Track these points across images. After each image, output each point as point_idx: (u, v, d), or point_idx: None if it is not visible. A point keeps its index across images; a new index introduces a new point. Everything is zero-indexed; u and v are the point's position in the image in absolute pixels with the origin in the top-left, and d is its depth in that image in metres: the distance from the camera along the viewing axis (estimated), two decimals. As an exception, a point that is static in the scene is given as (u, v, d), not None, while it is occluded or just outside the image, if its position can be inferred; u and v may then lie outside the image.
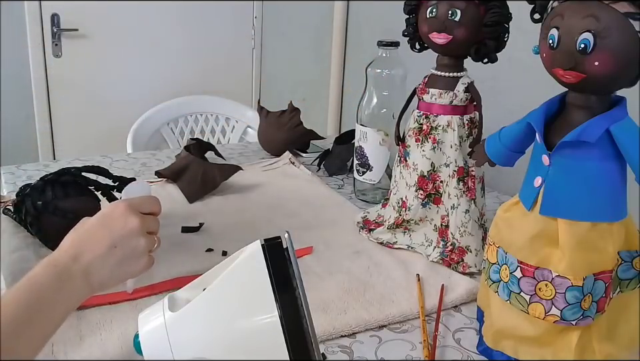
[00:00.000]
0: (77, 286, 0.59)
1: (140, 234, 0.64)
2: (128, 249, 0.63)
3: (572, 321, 0.62)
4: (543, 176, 0.62)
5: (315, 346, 0.48)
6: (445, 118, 0.89)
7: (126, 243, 0.63)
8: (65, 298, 0.58)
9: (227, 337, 0.49)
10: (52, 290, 0.57)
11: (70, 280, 0.58)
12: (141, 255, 0.65)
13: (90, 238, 0.62)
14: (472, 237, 0.89)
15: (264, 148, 1.44)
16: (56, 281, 0.57)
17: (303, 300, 0.48)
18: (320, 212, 1.09)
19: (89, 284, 0.60)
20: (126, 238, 0.63)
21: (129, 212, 0.64)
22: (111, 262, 0.62)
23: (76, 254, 0.60)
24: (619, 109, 0.60)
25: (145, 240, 0.65)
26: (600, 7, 0.55)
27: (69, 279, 0.58)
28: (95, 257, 0.60)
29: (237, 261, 0.52)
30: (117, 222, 0.63)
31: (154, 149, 1.59)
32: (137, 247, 0.64)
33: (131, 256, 0.63)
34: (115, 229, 0.63)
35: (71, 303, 0.59)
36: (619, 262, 0.63)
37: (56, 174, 0.89)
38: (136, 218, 0.64)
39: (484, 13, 0.84)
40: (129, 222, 0.64)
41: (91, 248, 0.61)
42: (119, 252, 0.62)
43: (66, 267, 0.59)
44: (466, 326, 0.77)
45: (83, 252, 0.60)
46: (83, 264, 0.60)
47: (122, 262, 0.63)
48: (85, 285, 0.60)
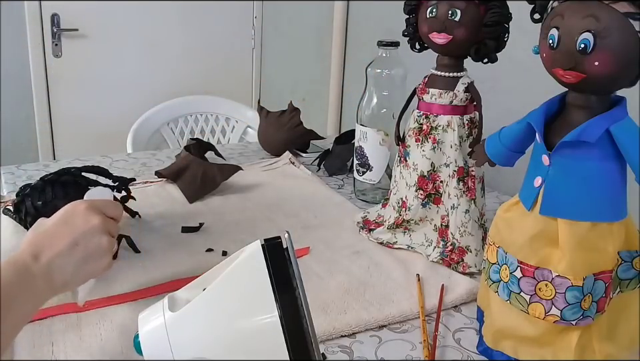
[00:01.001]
0: (38, 285, 0.57)
1: (102, 232, 0.63)
2: (90, 247, 0.62)
3: (572, 321, 0.62)
4: (543, 176, 0.62)
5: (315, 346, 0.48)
6: (445, 118, 0.89)
7: (88, 240, 0.61)
8: (26, 297, 0.56)
9: (227, 337, 0.49)
10: (13, 288, 0.55)
11: (30, 280, 0.57)
12: (103, 254, 0.63)
13: (50, 236, 0.60)
14: (472, 237, 0.89)
15: (264, 148, 1.44)
16: (16, 280, 0.56)
17: (303, 300, 0.48)
18: (320, 212, 1.09)
19: (50, 283, 0.58)
20: (88, 235, 0.62)
21: (91, 210, 0.64)
22: (73, 260, 0.60)
23: (36, 252, 0.58)
24: (618, 109, 0.60)
25: (107, 238, 0.63)
26: (600, 7, 0.55)
27: (29, 278, 0.57)
28: (56, 255, 0.59)
29: (237, 261, 0.52)
30: (79, 220, 0.62)
31: (154, 149, 1.59)
32: (99, 245, 0.62)
33: (93, 255, 0.62)
34: (76, 226, 0.62)
35: (33, 303, 0.57)
36: (619, 262, 0.63)
37: (56, 174, 0.89)
38: (98, 216, 0.63)
39: (484, 13, 0.84)
40: (91, 219, 0.63)
41: (52, 246, 0.59)
42: (80, 249, 0.61)
43: (26, 266, 0.57)
44: (466, 326, 0.77)
45: (43, 250, 0.59)
46: (44, 263, 0.58)
47: (84, 260, 0.61)
48: (47, 284, 0.58)
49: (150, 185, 1.17)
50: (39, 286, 0.57)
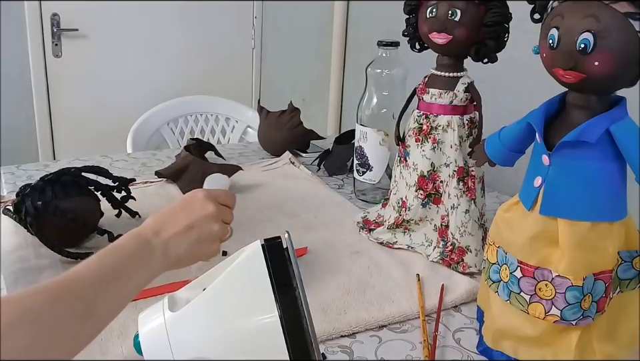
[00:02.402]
0: (156, 257, 0.63)
1: (215, 220, 0.70)
2: (203, 231, 0.68)
3: (572, 321, 0.62)
4: (543, 176, 0.62)
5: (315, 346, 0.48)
6: (445, 118, 0.89)
7: (202, 225, 0.68)
8: (144, 267, 0.62)
9: (227, 337, 0.49)
10: (134, 257, 0.61)
11: (150, 252, 0.63)
12: (214, 239, 0.70)
13: (170, 218, 0.67)
14: (472, 237, 0.89)
15: (264, 148, 1.44)
16: (138, 250, 0.62)
17: (303, 300, 0.48)
18: (320, 212, 1.09)
19: (166, 258, 0.64)
20: (202, 221, 0.68)
21: (207, 199, 0.70)
22: (187, 241, 0.67)
23: (157, 229, 0.65)
24: (618, 109, 0.60)
25: (219, 226, 0.70)
26: (600, 7, 0.55)
27: (149, 250, 0.63)
28: (174, 234, 0.66)
29: (237, 261, 0.52)
30: (196, 207, 0.69)
31: (154, 149, 1.59)
32: (211, 231, 0.69)
33: (205, 239, 0.69)
34: (193, 212, 0.69)
35: (150, 273, 0.63)
36: (618, 262, 0.63)
37: (56, 174, 0.89)
38: (213, 205, 0.70)
39: (484, 13, 0.84)
40: (206, 207, 0.70)
41: (171, 225, 0.66)
42: (194, 232, 0.67)
43: (148, 240, 0.64)
44: (466, 326, 0.77)
45: (163, 228, 0.66)
46: (163, 239, 0.65)
47: (197, 242, 0.68)
48: (163, 258, 0.64)
49: (150, 185, 1.17)
50: (156, 258, 0.63)
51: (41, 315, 0.49)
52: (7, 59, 2.27)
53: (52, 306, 0.51)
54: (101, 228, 0.91)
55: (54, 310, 0.50)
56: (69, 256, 0.85)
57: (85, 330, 0.53)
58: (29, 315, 0.48)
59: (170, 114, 1.87)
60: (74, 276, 0.55)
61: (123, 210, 0.99)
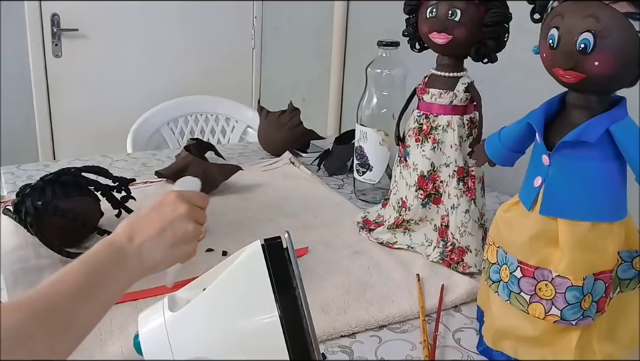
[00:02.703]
0: (132, 264, 0.63)
1: (188, 220, 0.69)
2: (177, 233, 0.67)
3: (572, 321, 0.62)
4: (543, 176, 0.62)
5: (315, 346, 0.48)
6: (445, 118, 0.89)
7: (175, 227, 0.67)
8: (120, 274, 0.61)
9: (227, 337, 0.49)
10: (109, 266, 0.60)
11: (125, 259, 0.62)
12: (189, 240, 0.69)
13: (143, 222, 0.66)
14: (472, 237, 0.89)
15: (264, 148, 1.44)
16: (112, 258, 0.61)
17: (303, 300, 0.48)
18: (320, 212, 1.09)
19: (142, 264, 0.64)
20: (175, 222, 0.67)
21: (179, 200, 0.70)
22: (162, 244, 0.66)
23: (130, 235, 0.64)
24: (618, 109, 0.60)
25: (192, 226, 0.69)
26: (600, 7, 0.55)
27: (124, 258, 0.62)
28: (147, 238, 0.65)
29: (237, 261, 0.52)
30: (168, 208, 0.68)
31: (154, 149, 1.59)
32: (185, 232, 0.68)
33: (180, 240, 0.67)
34: (165, 214, 0.68)
35: (126, 280, 0.62)
36: (618, 262, 0.63)
37: (56, 174, 0.89)
38: (185, 205, 0.69)
39: (484, 13, 0.84)
40: (179, 208, 0.68)
41: (144, 230, 0.65)
42: (169, 235, 0.66)
43: (121, 247, 0.63)
44: (466, 326, 0.77)
45: (136, 234, 0.64)
46: (136, 245, 0.64)
47: (172, 245, 0.67)
48: (139, 264, 0.63)
49: (150, 185, 1.17)
50: (132, 265, 0.63)
51: (17, 332, 0.48)
52: (6, 59, 2.27)
53: (29, 323, 0.50)
54: (101, 228, 0.91)
55: (31, 327, 0.50)
56: (68, 256, 0.85)
57: (64, 344, 0.53)
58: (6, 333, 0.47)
59: (170, 114, 1.87)
60: (50, 289, 0.54)
61: (123, 210, 0.99)
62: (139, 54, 2.51)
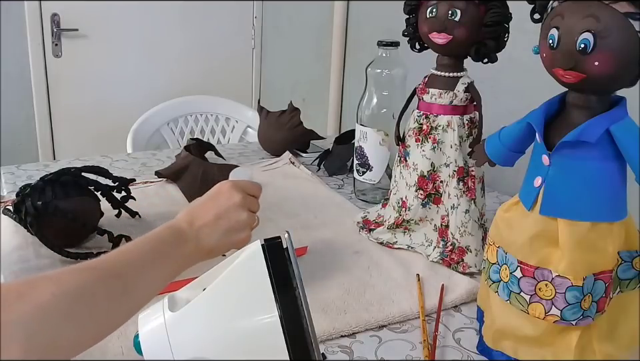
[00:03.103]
0: (190, 246, 0.67)
1: (242, 209, 0.73)
2: (232, 220, 0.72)
3: (572, 321, 0.62)
4: (543, 176, 0.62)
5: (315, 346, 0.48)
6: (445, 118, 0.89)
7: (230, 215, 0.72)
8: (179, 254, 0.66)
9: (227, 337, 0.49)
10: (170, 245, 0.65)
11: (185, 241, 0.67)
12: (243, 228, 0.74)
13: (201, 209, 0.72)
14: (472, 237, 0.89)
15: (264, 148, 1.44)
16: (174, 239, 0.66)
17: (303, 300, 0.48)
18: (320, 212, 1.09)
19: (199, 247, 0.69)
20: (230, 210, 0.72)
21: (234, 189, 0.74)
22: (218, 230, 0.71)
23: (190, 220, 0.69)
24: (618, 109, 0.60)
25: (246, 214, 0.74)
26: (600, 7, 0.55)
27: (184, 240, 0.67)
28: (204, 224, 0.70)
29: (237, 261, 0.52)
30: (223, 197, 0.73)
31: (154, 149, 1.59)
32: (239, 220, 0.73)
33: (234, 227, 0.72)
34: (221, 203, 0.73)
35: (184, 261, 0.66)
36: (618, 262, 0.63)
37: (56, 174, 0.89)
38: (239, 195, 0.74)
39: (484, 13, 0.84)
40: (233, 197, 0.73)
41: (201, 217, 0.70)
42: (224, 222, 0.71)
43: (182, 229, 0.68)
44: (466, 326, 0.77)
45: (195, 219, 0.70)
46: (195, 229, 0.69)
47: (227, 231, 0.71)
48: (196, 247, 0.68)
49: (150, 185, 1.17)
50: (190, 247, 0.67)
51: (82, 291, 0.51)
52: (6, 59, 2.27)
53: (92, 283, 0.53)
54: (101, 228, 0.91)
55: (94, 286, 0.53)
56: (68, 256, 0.85)
57: (122, 309, 0.56)
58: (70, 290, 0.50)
59: (170, 114, 1.87)
60: (112, 257, 0.58)
61: (123, 210, 0.99)
62: (139, 54, 2.51)
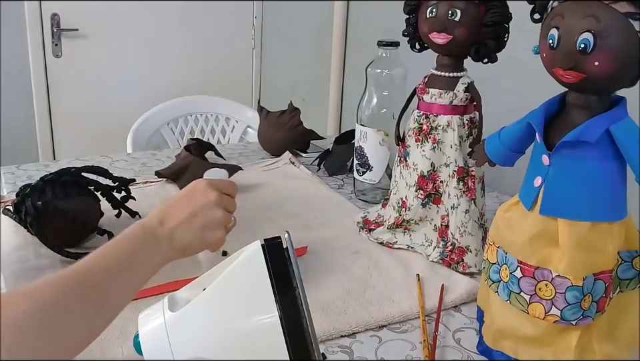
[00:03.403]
0: (163, 246, 0.66)
1: (218, 207, 0.72)
2: (207, 218, 0.71)
3: (572, 321, 0.62)
4: (543, 176, 0.62)
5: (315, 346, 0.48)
6: (445, 118, 0.89)
7: (205, 212, 0.71)
8: (153, 255, 0.64)
9: (227, 337, 0.49)
10: (142, 246, 0.64)
11: (157, 241, 0.66)
12: (219, 226, 0.73)
13: (174, 208, 0.70)
14: (472, 237, 0.89)
15: (264, 148, 1.44)
16: (145, 240, 0.65)
17: (303, 300, 0.48)
18: (320, 212, 1.09)
19: (173, 247, 0.67)
20: (205, 208, 0.71)
21: (209, 187, 0.73)
22: (192, 229, 0.69)
23: (162, 219, 0.68)
24: (618, 109, 0.60)
25: (221, 212, 0.73)
26: (600, 7, 0.55)
27: (156, 239, 0.66)
28: (178, 223, 0.68)
29: (237, 261, 0.52)
30: (198, 195, 0.72)
31: (154, 149, 1.59)
32: (214, 217, 0.72)
33: (209, 225, 0.71)
34: (196, 200, 0.71)
35: (158, 261, 0.65)
36: (618, 262, 0.63)
37: (56, 174, 0.89)
38: (215, 192, 0.73)
39: (484, 13, 0.84)
40: (208, 195, 0.72)
41: (175, 215, 0.69)
42: (198, 220, 0.70)
43: (153, 229, 0.66)
44: (466, 326, 0.77)
45: (167, 218, 0.68)
46: (168, 229, 0.67)
47: (201, 229, 0.70)
48: (170, 247, 0.67)
49: (150, 185, 1.17)
50: (163, 247, 0.66)
51: (55, 304, 0.51)
52: (6, 59, 2.27)
53: (66, 295, 0.52)
54: (101, 228, 0.91)
55: (68, 298, 0.52)
56: (68, 256, 0.85)
57: (99, 318, 0.55)
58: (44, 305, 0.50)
59: (170, 114, 1.87)
60: (86, 265, 0.57)
61: (123, 210, 0.99)
62: (139, 54, 2.51)
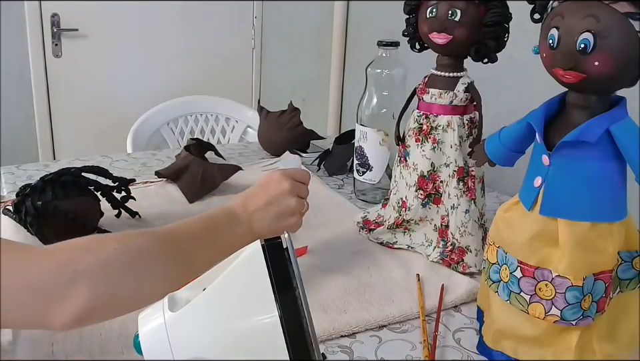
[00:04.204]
0: (243, 228, 0.74)
1: (291, 195, 0.78)
2: (282, 206, 0.78)
3: (572, 321, 0.62)
4: (543, 176, 0.62)
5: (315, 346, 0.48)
6: (445, 118, 0.89)
7: (280, 201, 0.78)
8: (232, 235, 0.72)
9: (227, 337, 0.49)
10: (224, 225, 0.73)
11: (238, 223, 0.74)
12: (292, 213, 0.79)
13: (252, 196, 0.78)
14: (472, 237, 0.89)
15: (264, 148, 1.44)
16: (227, 220, 0.74)
17: (303, 300, 0.48)
18: (320, 212, 1.09)
19: (251, 230, 0.75)
20: (279, 197, 0.78)
21: (283, 177, 0.79)
22: (268, 215, 0.77)
23: (244, 204, 0.76)
24: (618, 109, 0.60)
25: (295, 200, 0.79)
26: (600, 7, 0.55)
27: (237, 221, 0.74)
28: (256, 209, 0.76)
29: (237, 261, 0.52)
30: (273, 185, 0.79)
31: (154, 149, 1.59)
32: (288, 205, 0.78)
33: (284, 212, 0.78)
34: (271, 190, 0.78)
35: (236, 240, 0.70)
36: (618, 262, 0.63)
37: (56, 174, 0.89)
38: (288, 182, 0.79)
39: (484, 13, 0.84)
40: (282, 185, 0.78)
41: (253, 202, 0.77)
42: (274, 208, 0.77)
43: (236, 212, 0.75)
44: (466, 326, 0.77)
45: (248, 204, 0.76)
46: (248, 213, 0.76)
47: (277, 216, 0.77)
48: (249, 230, 0.74)
49: (150, 185, 1.17)
50: (242, 228, 0.74)
51: (141, 252, 0.59)
52: (6, 59, 2.27)
53: (153, 247, 0.61)
54: (101, 228, 0.91)
55: (154, 250, 0.60)
56: (68, 256, 0.85)
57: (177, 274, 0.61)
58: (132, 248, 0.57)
59: (170, 114, 1.87)
60: (174, 228, 0.66)
61: (123, 210, 0.99)
62: (139, 54, 2.51)
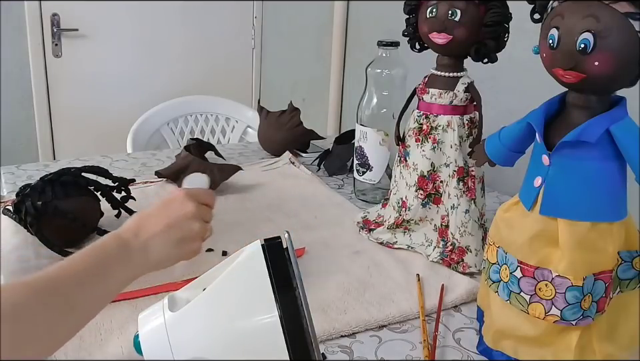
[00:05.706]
0: (136, 258, 0.64)
1: (195, 219, 0.70)
2: (183, 230, 0.69)
3: (572, 321, 0.62)
4: (543, 176, 0.62)
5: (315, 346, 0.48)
6: (445, 118, 0.89)
7: (182, 225, 0.69)
8: (125, 267, 0.63)
9: (227, 337, 0.49)
10: (114, 257, 0.62)
11: (130, 253, 0.64)
12: (195, 238, 0.71)
13: (150, 218, 0.68)
14: (472, 237, 0.89)
15: (264, 148, 1.44)
16: (118, 251, 0.63)
17: (303, 300, 0.48)
18: (320, 212, 1.09)
19: (146, 259, 0.65)
20: (182, 220, 0.69)
21: (187, 198, 0.71)
22: (168, 241, 0.67)
23: (136, 231, 0.66)
24: (618, 109, 0.60)
25: (199, 224, 0.71)
26: (600, 7, 0.55)
27: (129, 251, 0.64)
28: (153, 234, 0.66)
29: (237, 261, 0.52)
30: (175, 206, 0.70)
31: (154, 149, 1.59)
32: (191, 230, 0.70)
33: (186, 238, 0.69)
34: (172, 212, 0.69)
35: (130, 273, 0.63)
36: (619, 262, 0.63)
37: (56, 174, 0.89)
38: (192, 204, 0.71)
39: (484, 13, 0.84)
40: (186, 206, 0.70)
41: (150, 226, 0.67)
42: (174, 232, 0.68)
43: (127, 241, 0.64)
44: (466, 326, 0.77)
45: (142, 229, 0.66)
46: (142, 240, 0.65)
47: (178, 242, 0.68)
48: (143, 259, 0.65)
49: (150, 185, 1.17)
50: (137, 259, 0.64)
51: (19, 309, 0.50)
52: (6, 59, 2.27)
53: (32, 301, 0.52)
54: (101, 228, 0.91)
55: (33, 305, 0.51)
56: (68, 256, 0.85)
57: (64, 327, 0.54)
58: (8, 309, 0.49)
59: (170, 114, 1.87)
60: (56, 273, 0.56)
61: (123, 210, 0.99)
62: (139, 54, 2.51)
